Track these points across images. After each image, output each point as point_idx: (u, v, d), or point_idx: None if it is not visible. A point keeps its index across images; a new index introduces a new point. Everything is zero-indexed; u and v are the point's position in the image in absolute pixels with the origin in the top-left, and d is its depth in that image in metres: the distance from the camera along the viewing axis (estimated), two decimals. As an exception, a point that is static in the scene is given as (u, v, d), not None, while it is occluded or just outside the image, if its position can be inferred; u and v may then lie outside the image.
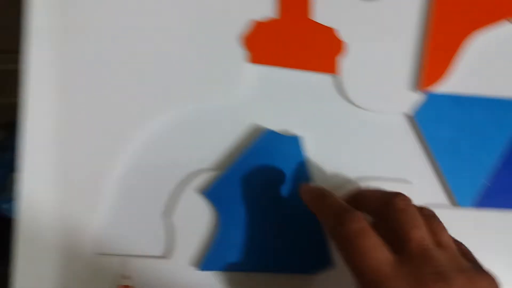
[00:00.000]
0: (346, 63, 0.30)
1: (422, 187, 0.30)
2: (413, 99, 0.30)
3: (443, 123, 0.30)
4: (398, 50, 0.30)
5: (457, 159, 0.30)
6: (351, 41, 0.30)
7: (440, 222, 0.25)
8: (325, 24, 0.29)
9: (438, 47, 0.30)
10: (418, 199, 0.26)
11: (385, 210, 0.24)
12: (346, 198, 0.27)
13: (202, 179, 0.28)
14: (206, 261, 0.28)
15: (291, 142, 0.29)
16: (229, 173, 0.28)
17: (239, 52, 0.29)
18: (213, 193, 0.28)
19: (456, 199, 0.30)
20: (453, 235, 0.29)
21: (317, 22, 0.29)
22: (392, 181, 0.30)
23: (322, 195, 0.26)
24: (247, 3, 0.29)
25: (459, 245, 0.26)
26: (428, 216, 0.25)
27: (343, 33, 0.29)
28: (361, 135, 0.30)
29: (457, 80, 0.30)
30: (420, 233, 0.23)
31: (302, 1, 0.30)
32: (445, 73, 0.30)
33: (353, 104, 0.30)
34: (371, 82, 0.30)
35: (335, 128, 0.30)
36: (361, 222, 0.23)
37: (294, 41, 0.29)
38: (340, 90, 0.30)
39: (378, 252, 0.22)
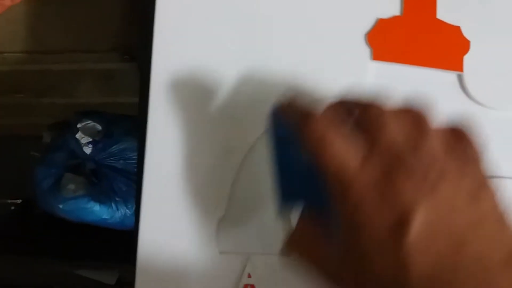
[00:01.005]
0: (469, 61, 0.30)
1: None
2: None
3: None
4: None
5: None
6: (475, 39, 0.30)
7: (425, 119, 0.21)
8: (448, 22, 0.30)
9: None
10: None
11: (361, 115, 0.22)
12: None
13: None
14: None
15: None
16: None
17: (363, 49, 0.30)
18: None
19: None
20: None
21: (442, 20, 0.30)
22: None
23: (289, 103, 0.24)
24: (373, 2, 0.30)
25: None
26: (412, 116, 0.21)
27: (466, 31, 0.30)
28: (485, 134, 0.30)
29: None
30: (391, 130, 0.20)
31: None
32: None
33: (477, 102, 0.30)
34: (495, 80, 0.30)
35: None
36: (321, 126, 0.21)
37: (418, 38, 0.30)
38: (464, 88, 0.30)
39: (342, 157, 0.20)
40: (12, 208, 0.94)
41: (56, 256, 0.78)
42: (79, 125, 0.75)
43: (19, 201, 0.94)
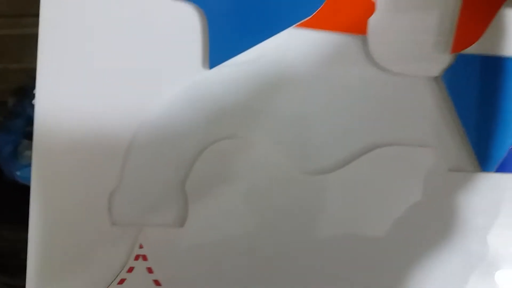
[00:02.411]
0: (373, 24, 0.29)
1: (445, 151, 0.30)
2: (442, 61, 0.29)
3: (471, 85, 0.29)
4: (430, 11, 0.29)
5: (483, 123, 0.30)
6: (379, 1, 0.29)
7: None
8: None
9: (472, 10, 0.28)
10: (441, 163, 0.28)
11: None
12: None
13: (215, 148, 0.28)
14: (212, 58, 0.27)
15: None
16: None
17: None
18: None
19: (480, 164, 0.30)
20: (476, 200, 0.29)
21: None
22: (414, 145, 0.30)
23: None
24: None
25: None
26: None
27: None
28: (386, 98, 0.30)
29: (488, 41, 0.29)
30: None
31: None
32: (476, 37, 0.29)
33: (379, 66, 0.29)
34: (398, 44, 0.29)
35: (360, 91, 0.29)
36: None
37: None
38: (367, 52, 0.29)
39: None
40: (-19, 175, 0.94)
41: (22, 222, 0.79)
42: (35, 91, 0.74)
43: (-13, 168, 0.94)
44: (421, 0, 0.28)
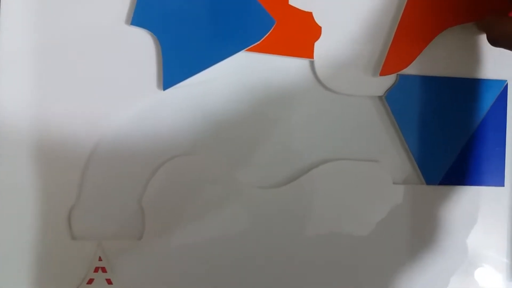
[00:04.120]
0: (319, 47, 0.31)
1: (391, 166, 0.32)
2: (384, 82, 0.31)
3: (413, 104, 0.31)
4: (369, 35, 0.31)
5: (425, 139, 0.31)
6: (324, 25, 0.30)
7: None
8: (301, 8, 0.30)
9: (404, 38, 0.30)
10: (387, 177, 0.31)
11: None
12: None
13: (169, 165, 0.29)
14: (166, 80, 0.29)
15: None
16: None
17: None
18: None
19: (423, 178, 0.32)
20: (421, 211, 0.31)
21: (294, 7, 0.30)
22: (361, 160, 0.31)
23: None
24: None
25: None
26: None
27: (316, 17, 0.30)
28: (334, 117, 0.31)
29: (427, 63, 0.31)
30: None
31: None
32: (405, 65, 0.31)
33: (326, 88, 0.31)
34: (342, 66, 0.31)
35: (308, 111, 0.31)
36: None
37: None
38: (314, 74, 0.31)
39: None
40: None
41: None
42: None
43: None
44: (361, 27, 0.30)
